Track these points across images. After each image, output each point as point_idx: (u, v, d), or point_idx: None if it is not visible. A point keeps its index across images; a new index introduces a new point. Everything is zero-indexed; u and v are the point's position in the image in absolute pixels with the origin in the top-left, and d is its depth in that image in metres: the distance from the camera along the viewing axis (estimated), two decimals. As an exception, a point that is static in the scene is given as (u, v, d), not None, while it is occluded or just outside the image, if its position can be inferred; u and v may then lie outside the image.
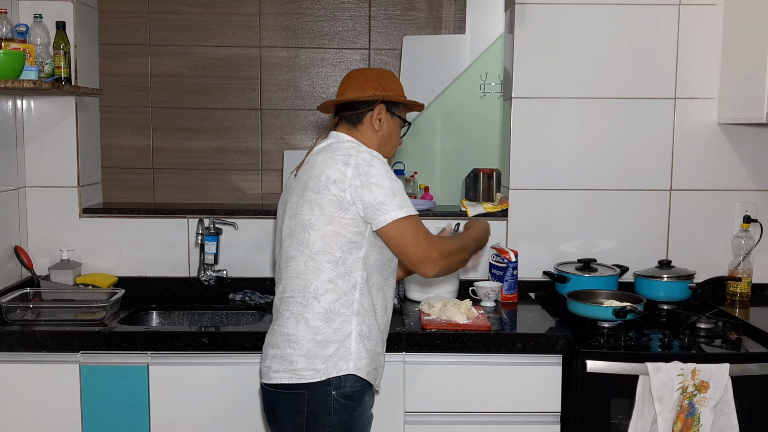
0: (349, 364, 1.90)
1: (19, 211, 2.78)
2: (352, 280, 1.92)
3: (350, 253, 1.91)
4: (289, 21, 3.41)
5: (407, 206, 1.91)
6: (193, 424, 2.31)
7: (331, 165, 1.91)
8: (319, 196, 1.90)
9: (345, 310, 1.92)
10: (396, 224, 1.89)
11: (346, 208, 1.89)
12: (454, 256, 2.00)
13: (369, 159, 1.91)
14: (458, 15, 3.43)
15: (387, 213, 1.87)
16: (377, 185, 1.88)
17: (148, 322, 2.69)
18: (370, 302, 1.95)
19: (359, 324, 1.93)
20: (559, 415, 2.32)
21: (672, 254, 2.86)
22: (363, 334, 1.93)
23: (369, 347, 1.95)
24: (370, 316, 1.95)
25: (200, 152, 3.43)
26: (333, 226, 1.89)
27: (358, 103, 2.04)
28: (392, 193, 1.89)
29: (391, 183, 1.90)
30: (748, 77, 2.61)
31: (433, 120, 4.16)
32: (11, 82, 2.33)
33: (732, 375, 2.16)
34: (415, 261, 1.94)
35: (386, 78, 2.08)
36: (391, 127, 2.08)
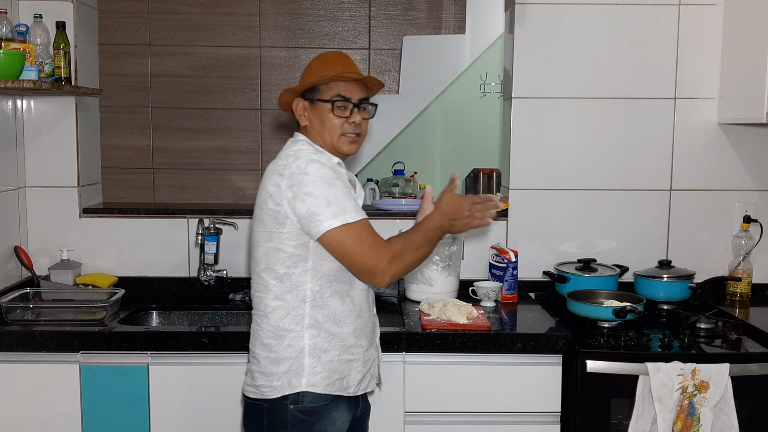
0: (302, 380, 1.86)
1: (19, 211, 2.78)
2: (301, 294, 1.86)
3: (295, 267, 1.85)
4: (289, 21, 3.41)
5: (345, 213, 1.79)
6: (193, 424, 2.31)
7: (269, 177, 1.86)
8: (261, 212, 1.87)
9: (295, 326, 1.86)
10: (332, 235, 1.78)
11: (282, 222, 1.82)
12: (406, 256, 1.85)
13: (303, 166, 1.82)
14: (458, 15, 3.43)
15: (320, 224, 1.78)
16: (309, 195, 1.78)
17: (148, 322, 2.69)
18: (328, 313, 1.87)
19: (313, 338, 1.86)
20: (559, 415, 2.32)
21: (672, 254, 2.86)
22: (318, 348, 1.87)
23: (327, 360, 1.87)
24: (328, 327, 1.87)
25: (200, 152, 3.43)
26: (273, 242, 1.84)
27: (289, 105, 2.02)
28: (326, 202, 1.78)
29: (326, 189, 1.79)
30: (748, 77, 2.61)
31: (433, 120, 4.16)
32: (11, 82, 2.33)
33: (732, 375, 2.16)
34: (360, 272, 1.84)
35: (310, 65, 1.99)
36: (318, 115, 1.94)
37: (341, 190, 1.81)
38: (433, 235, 1.91)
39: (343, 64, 1.97)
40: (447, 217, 1.92)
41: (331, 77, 1.92)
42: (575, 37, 2.80)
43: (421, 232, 1.90)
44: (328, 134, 1.94)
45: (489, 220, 1.96)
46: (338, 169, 1.92)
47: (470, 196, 1.96)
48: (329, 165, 1.86)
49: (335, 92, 1.93)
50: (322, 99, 1.94)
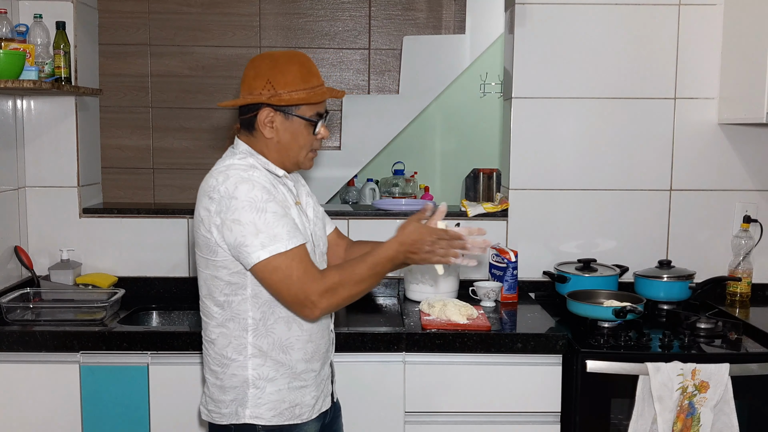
0: (246, 411, 1.76)
1: (19, 211, 2.78)
2: (243, 322, 1.74)
3: (235, 295, 1.73)
4: (289, 21, 3.41)
5: (276, 241, 1.64)
6: (193, 424, 2.31)
7: (201, 199, 1.72)
8: (197, 236, 1.75)
9: (238, 356, 1.76)
10: (261, 266, 1.65)
11: (214, 251, 1.71)
12: (342, 291, 1.67)
13: (232, 189, 1.66)
14: (458, 15, 3.43)
15: (249, 255, 1.64)
16: (237, 222, 1.64)
17: (148, 322, 2.69)
18: (273, 341, 1.75)
19: (257, 368, 1.76)
20: (559, 415, 2.32)
21: (672, 254, 2.86)
22: (263, 378, 1.76)
23: (274, 390, 1.77)
24: (274, 355, 1.76)
25: (200, 152, 3.43)
26: (210, 270, 1.74)
27: (246, 106, 1.79)
28: (255, 230, 1.64)
29: (254, 216, 1.64)
30: (748, 77, 2.61)
31: (433, 120, 4.17)
32: (11, 82, 2.33)
33: (732, 375, 2.16)
34: (290, 304, 1.70)
35: (278, 69, 1.75)
36: (291, 130, 1.77)
37: (272, 215, 1.66)
38: (382, 268, 1.71)
39: (317, 74, 1.80)
40: (404, 248, 1.71)
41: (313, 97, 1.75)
42: (575, 37, 2.80)
43: (367, 264, 1.70)
44: (297, 151, 1.79)
45: (451, 259, 1.72)
46: (278, 185, 1.78)
47: (438, 230, 1.72)
48: (263, 183, 1.70)
49: (316, 110, 1.78)
50: (301, 116, 1.77)
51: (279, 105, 1.74)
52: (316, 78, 1.78)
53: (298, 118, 1.76)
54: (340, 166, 3.35)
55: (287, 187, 1.83)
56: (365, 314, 2.59)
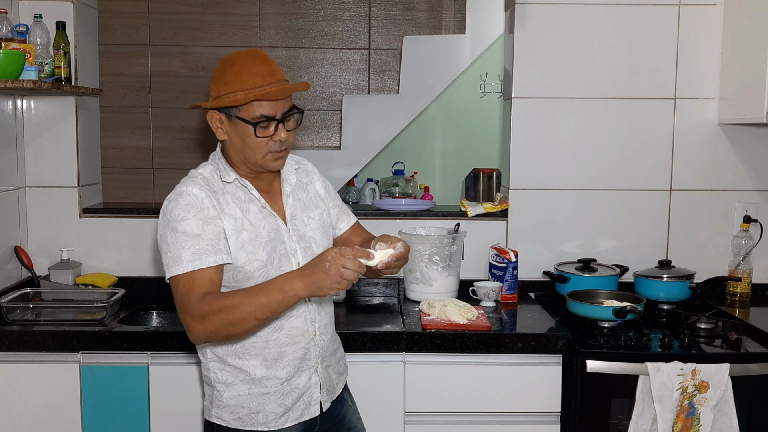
0: (213, 411, 1.82)
1: (19, 211, 2.78)
2: None
3: None
4: (289, 21, 3.41)
5: (176, 263, 1.66)
6: (193, 424, 2.31)
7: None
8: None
9: (203, 358, 1.83)
10: (171, 285, 1.70)
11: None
12: (217, 318, 1.60)
13: (165, 206, 1.74)
14: (458, 15, 3.42)
15: (167, 270, 1.70)
16: (161, 237, 1.72)
17: (148, 322, 2.69)
18: (227, 347, 1.78)
19: (217, 371, 1.80)
20: (559, 415, 2.32)
21: (672, 254, 2.86)
22: (223, 381, 1.80)
23: (232, 394, 1.79)
24: (231, 361, 1.78)
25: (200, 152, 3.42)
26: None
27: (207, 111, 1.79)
28: (166, 249, 1.69)
29: (168, 234, 1.69)
30: (748, 77, 2.61)
31: (433, 120, 4.17)
32: (11, 82, 2.33)
33: (732, 375, 2.16)
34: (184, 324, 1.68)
35: (222, 71, 1.74)
36: (237, 132, 1.74)
37: (181, 235, 1.67)
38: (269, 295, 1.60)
39: (263, 73, 1.72)
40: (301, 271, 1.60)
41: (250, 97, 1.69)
42: (575, 37, 2.80)
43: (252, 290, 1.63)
44: (252, 154, 1.75)
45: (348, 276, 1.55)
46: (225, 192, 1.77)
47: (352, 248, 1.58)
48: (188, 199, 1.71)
49: (258, 112, 1.71)
50: (242, 118, 1.72)
51: (219, 108, 1.73)
52: (261, 77, 1.71)
53: (240, 121, 1.72)
54: (340, 166, 3.35)
55: (245, 191, 1.79)
56: (365, 314, 2.59)
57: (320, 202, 1.94)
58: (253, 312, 1.60)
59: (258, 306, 1.60)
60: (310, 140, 3.55)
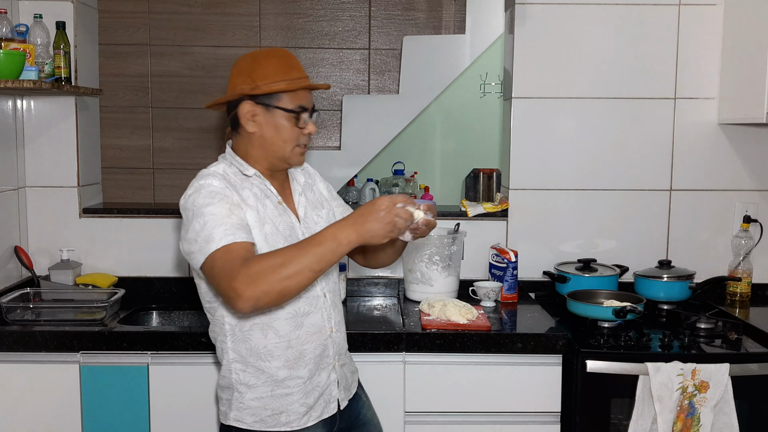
0: (231, 414, 1.80)
1: (19, 211, 2.78)
2: (222, 328, 1.79)
3: (215, 301, 1.78)
4: (289, 21, 3.40)
5: (209, 243, 1.62)
6: (193, 424, 2.31)
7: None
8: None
9: (223, 360, 1.82)
10: (204, 270, 1.66)
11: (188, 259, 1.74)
12: (272, 276, 1.54)
13: (185, 201, 1.72)
14: (458, 15, 3.42)
15: (195, 263, 1.67)
16: (187, 230, 1.68)
17: (148, 322, 2.69)
18: (251, 347, 1.77)
19: (238, 372, 1.79)
20: (559, 415, 2.32)
21: (672, 254, 2.86)
22: (244, 383, 1.78)
23: (254, 396, 1.78)
24: (253, 362, 1.77)
25: (200, 152, 3.42)
26: (196, 279, 1.81)
27: (229, 103, 1.79)
28: (195, 238, 1.65)
29: (194, 222, 1.66)
30: (748, 77, 2.61)
31: (433, 120, 4.17)
32: (11, 82, 2.33)
33: (732, 375, 2.16)
34: (225, 302, 1.71)
35: (258, 63, 1.75)
36: (273, 123, 1.75)
37: (210, 217, 1.65)
38: (320, 246, 1.57)
39: (299, 67, 1.79)
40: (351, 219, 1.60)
41: (293, 86, 1.73)
42: (575, 37, 2.80)
43: (306, 242, 1.60)
44: (282, 146, 1.76)
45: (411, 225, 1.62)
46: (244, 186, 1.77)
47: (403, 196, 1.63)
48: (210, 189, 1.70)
49: (298, 102, 1.75)
50: (283, 107, 1.74)
51: (259, 95, 1.73)
52: (297, 71, 1.77)
53: (279, 110, 1.74)
54: (340, 166, 3.34)
55: (262, 187, 1.81)
56: (365, 314, 2.59)
57: (325, 202, 1.98)
58: (309, 264, 1.55)
59: (313, 257, 1.55)
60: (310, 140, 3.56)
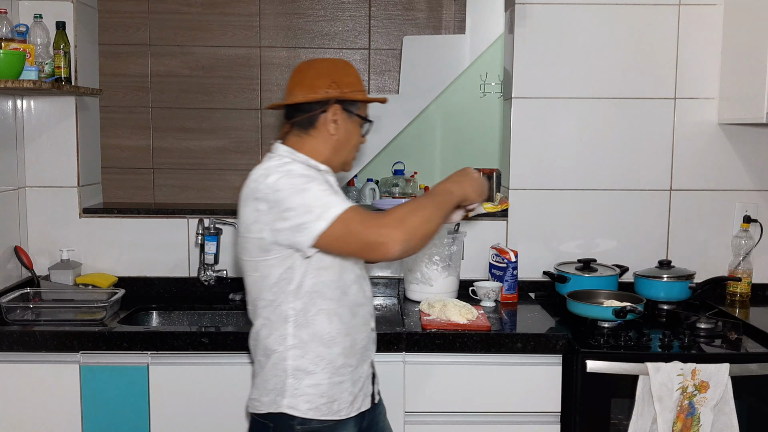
0: (284, 401, 1.78)
1: (19, 211, 2.78)
2: (283, 314, 1.78)
3: (282, 292, 1.77)
4: (289, 21, 3.40)
5: (330, 209, 1.67)
6: (193, 424, 2.31)
7: (246, 203, 1.77)
8: (245, 240, 1.79)
9: (278, 346, 1.79)
10: (325, 235, 1.67)
11: (267, 249, 1.74)
12: (412, 217, 1.67)
13: (274, 184, 1.71)
14: (458, 15, 3.42)
15: (310, 231, 1.67)
16: (289, 210, 1.68)
17: (148, 322, 2.69)
18: (314, 332, 1.78)
19: (297, 359, 1.78)
20: (559, 415, 2.32)
21: (672, 254, 2.86)
22: (303, 369, 1.79)
23: (312, 383, 1.79)
24: (314, 347, 1.78)
25: (200, 152, 3.42)
26: (259, 272, 1.78)
27: (309, 104, 1.82)
28: (307, 209, 1.67)
29: (303, 197, 1.68)
30: (748, 77, 2.61)
31: (433, 120, 4.16)
32: (11, 82, 2.33)
33: (732, 375, 2.16)
34: (367, 252, 1.68)
35: (340, 71, 1.85)
36: (349, 129, 1.86)
37: (319, 191, 1.69)
38: (438, 196, 1.78)
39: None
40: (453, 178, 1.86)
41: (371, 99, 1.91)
42: (575, 37, 2.80)
43: (423, 196, 1.80)
44: (350, 151, 1.89)
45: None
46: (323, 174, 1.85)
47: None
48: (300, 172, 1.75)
49: (366, 113, 1.91)
50: (361, 116, 1.88)
51: (345, 101, 1.83)
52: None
53: (357, 117, 1.87)
54: (340, 166, 3.34)
55: (332, 181, 1.88)
56: (365, 314, 2.59)
57: None
58: (435, 211, 1.73)
59: (437, 206, 1.75)
60: (310, 140, 3.55)
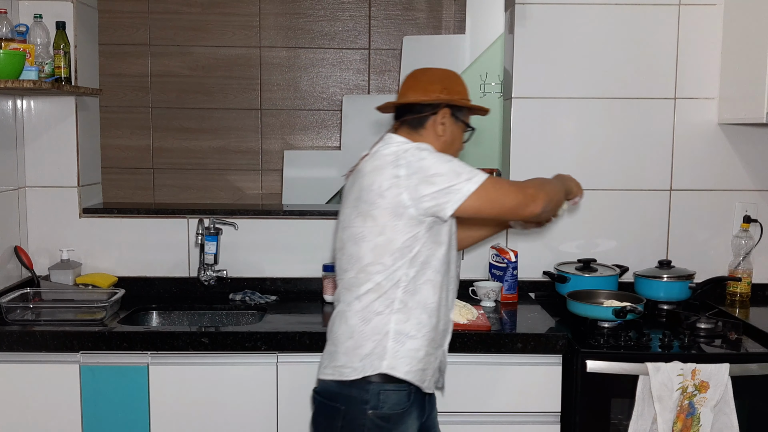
0: (383, 363, 1.84)
1: (19, 211, 2.78)
2: (396, 278, 1.85)
3: (402, 258, 1.85)
4: (289, 21, 3.41)
5: (476, 175, 1.84)
6: (193, 424, 2.31)
7: (381, 172, 1.84)
8: (372, 207, 1.85)
9: (384, 309, 1.86)
10: (475, 196, 1.81)
11: (400, 214, 1.82)
12: (546, 186, 1.95)
13: (417, 153, 1.84)
14: (458, 15, 3.43)
15: (458, 192, 1.80)
16: (437, 174, 1.81)
17: (148, 322, 2.69)
18: (420, 300, 1.87)
19: (400, 323, 1.85)
20: (559, 415, 2.32)
21: (672, 254, 2.86)
22: (404, 333, 1.86)
23: (411, 347, 1.86)
24: (418, 313, 1.87)
25: (200, 152, 3.43)
26: (385, 236, 1.84)
27: (420, 105, 1.97)
28: (455, 174, 1.82)
29: (450, 165, 1.83)
30: (748, 77, 2.61)
31: (433, 120, 4.15)
32: (11, 82, 2.33)
33: (732, 375, 2.16)
34: (516, 207, 1.88)
35: (451, 80, 2.01)
36: (454, 133, 2.01)
37: (461, 163, 1.86)
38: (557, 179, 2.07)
39: None
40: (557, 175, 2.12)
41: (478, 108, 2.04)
42: (575, 37, 2.80)
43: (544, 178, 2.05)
44: (451, 152, 1.98)
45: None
46: None
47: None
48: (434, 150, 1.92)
49: (468, 119, 2.05)
50: (466, 122, 2.03)
51: (454, 106, 1.98)
52: None
53: (462, 123, 2.02)
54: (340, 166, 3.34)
55: None
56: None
57: None
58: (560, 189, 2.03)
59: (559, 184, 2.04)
60: (310, 140, 3.56)
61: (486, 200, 1.84)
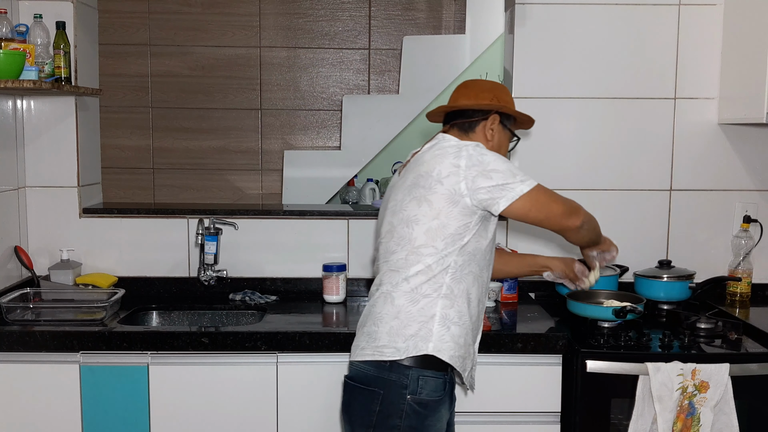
0: (429, 345, 1.88)
1: (19, 211, 2.78)
2: (446, 263, 1.91)
3: (453, 244, 1.91)
4: (289, 21, 3.41)
5: (529, 179, 1.93)
6: (193, 424, 2.31)
7: (442, 160, 1.92)
8: (429, 192, 1.91)
9: (432, 292, 1.91)
10: (526, 197, 1.90)
11: (456, 201, 1.89)
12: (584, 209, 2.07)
13: (479, 149, 1.93)
14: (458, 15, 3.43)
15: (512, 190, 1.89)
16: (495, 170, 1.89)
17: (148, 322, 2.69)
18: (464, 289, 1.94)
19: (445, 308, 1.91)
20: (559, 415, 2.32)
21: (672, 254, 2.86)
22: (449, 319, 1.91)
23: (455, 333, 1.91)
24: (461, 302, 1.93)
25: (200, 152, 3.43)
26: (440, 220, 1.90)
27: (472, 111, 2.06)
28: (512, 174, 1.91)
29: (507, 165, 1.92)
30: (748, 77, 2.61)
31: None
32: (11, 82, 2.33)
33: (732, 375, 2.16)
34: (560, 215, 1.98)
35: (500, 90, 2.11)
36: (501, 139, 2.09)
37: (516, 166, 1.97)
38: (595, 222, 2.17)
39: None
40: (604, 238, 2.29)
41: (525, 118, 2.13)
42: (575, 37, 2.80)
43: None
44: None
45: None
46: None
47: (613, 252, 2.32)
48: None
49: (514, 129, 2.15)
50: (512, 131, 2.14)
51: (507, 115, 2.08)
52: None
53: (509, 131, 2.12)
54: (340, 166, 3.35)
55: None
56: (365, 314, 2.59)
57: None
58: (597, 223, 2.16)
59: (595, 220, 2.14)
60: (310, 140, 3.56)
61: (535, 203, 1.93)
